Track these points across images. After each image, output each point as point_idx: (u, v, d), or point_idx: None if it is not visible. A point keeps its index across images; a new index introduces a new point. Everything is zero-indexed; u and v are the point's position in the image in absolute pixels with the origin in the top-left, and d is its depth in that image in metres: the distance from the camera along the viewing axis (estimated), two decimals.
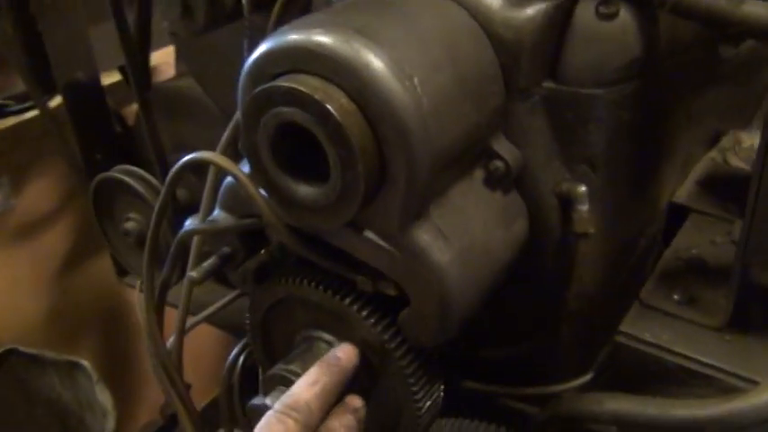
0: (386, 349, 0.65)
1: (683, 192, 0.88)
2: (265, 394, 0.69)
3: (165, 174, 1.12)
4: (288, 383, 0.67)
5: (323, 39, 0.55)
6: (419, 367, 0.67)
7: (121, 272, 1.38)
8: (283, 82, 0.56)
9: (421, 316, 0.63)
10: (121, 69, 1.45)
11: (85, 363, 1.38)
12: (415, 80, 0.55)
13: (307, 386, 0.61)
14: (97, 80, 1.26)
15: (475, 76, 0.61)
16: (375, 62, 0.54)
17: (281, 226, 0.64)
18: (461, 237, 0.62)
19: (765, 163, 0.62)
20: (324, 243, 0.65)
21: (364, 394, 0.70)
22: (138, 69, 1.07)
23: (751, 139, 1.02)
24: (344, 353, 0.65)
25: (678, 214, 0.86)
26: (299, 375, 0.66)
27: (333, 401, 0.62)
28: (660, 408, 0.65)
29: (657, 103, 0.71)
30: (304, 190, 0.60)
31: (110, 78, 1.44)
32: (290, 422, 0.58)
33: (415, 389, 0.66)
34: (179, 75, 1.44)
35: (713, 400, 0.63)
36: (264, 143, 0.59)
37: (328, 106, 0.54)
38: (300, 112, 0.55)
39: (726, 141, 1.00)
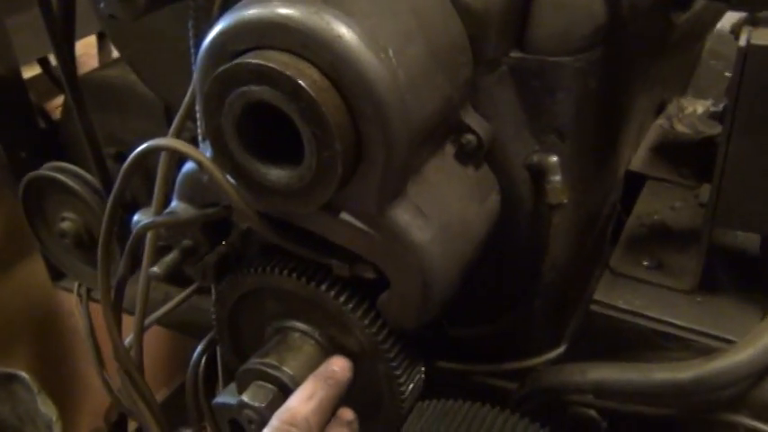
0: (366, 334, 0.63)
1: (638, 160, 0.89)
2: (240, 390, 0.66)
3: (102, 169, 1.07)
4: (265, 377, 0.64)
5: (290, 11, 0.52)
6: (401, 350, 0.65)
7: (56, 276, 1.31)
8: (250, 59, 0.52)
9: (402, 298, 0.61)
10: (41, 62, 1.38)
11: (23, 374, 1.30)
12: (390, 51, 0.53)
13: (304, 400, 0.59)
14: (17, 73, 1.18)
15: (445, 47, 0.59)
16: (348, 34, 0.51)
17: (251, 213, 0.60)
18: (440, 214, 0.60)
19: (732, 129, 0.63)
20: (297, 228, 0.62)
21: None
22: (67, 59, 1.00)
23: (692, 106, 1.05)
24: (339, 365, 0.63)
25: (634, 182, 0.87)
26: (276, 369, 0.64)
27: (330, 416, 0.60)
28: (642, 372, 0.65)
29: (619, 71, 0.71)
30: (275, 173, 0.57)
31: (30, 72, 1.35)
32: None
33: (397, 372, 0.65)
34: (104, 65, 1.37)
35: (693, 362, 0.64)
36: (230, 125, 0.56)
37: (301, 82, 0.51)
38: (270, 90, 0.52)
39: (671, 108, 1.02)
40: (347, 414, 0.63)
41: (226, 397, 0.77)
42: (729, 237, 0.77)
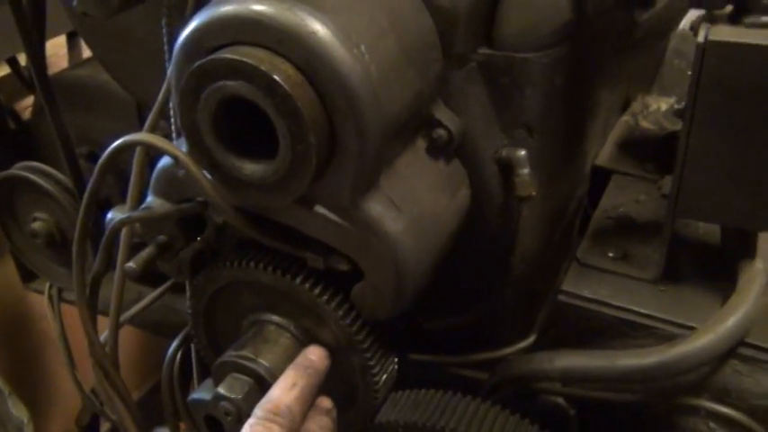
0: (340, 326, 0.64)
1: (604, 155, 0.92)
2: (216, 382, 0.66)
3: (74, 169, 1.06)
4: (241, 370, 0.65)
5: (264, 8, 0.53)
6: (374, 342, 0.66)
7: (27, 277, 1.30)
8: (226, 54, 0.53)
9: (375, 289, 0.62)
10: (10, 62, 1.36)
11: None
12: (362, 47, 0.54)
13: (286, 390, 0.60)
14: None
15: (416, 43, 0.60)
16: (321, 30, 0.53)
17: (227, 207, 0.61)
18: (412, 206, 0.62)
19: (692, 122, 0.65)
20: (272, 222, 0.63)
21: None
22: (38, 58, 1.00)
23: (656, 103, 1.08)
24: (316, 354, 0.64)
25: (600, 176, 0.90)
26: (252, 361, 0.65)
27: (311, 404, 0.61)
28: (608, 359, 0.67)
29: (585, 67, 0.73)
30: (250, 167, 0.58)
31: None
32: (276, 428, 0.57)
33: (371, 363, 0.66)
34: (75, 65, 1.36)
35: (657, 348, 0.66)
36: (206, 120, 0.57)
37: (276, 77, 0.52)
38: (246, 85, 0.53)
39: (635, 106, 1.05)
40: (326, 402, 0.64)
41: (201, 393, 0.78)
42: (692, 229, 0.80)
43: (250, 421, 0.57)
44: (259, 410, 0.58)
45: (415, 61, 0.60)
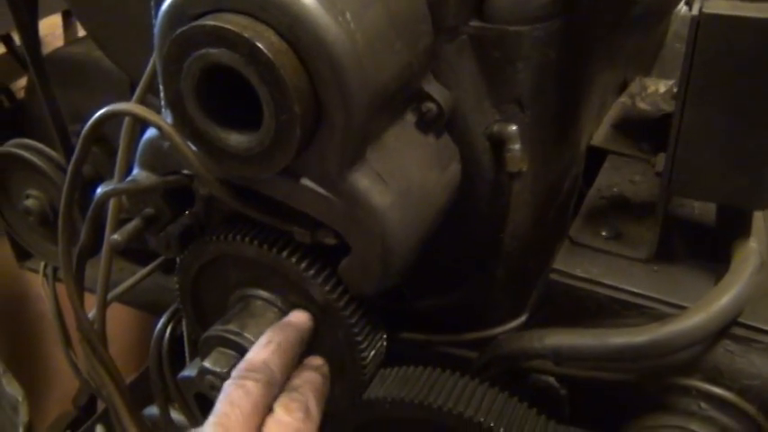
0: (328, 300, 0.64)
1: (600, 135, 0.91)
2: (202, 357, 0.66)
3: (67, 147, 1.06)
4: (227, 344, 0.64)
5: None
6: (362, 317, 0.65)
7: (22, 257, 1.30)
8: (208, 21, 0.52)
9: (363, 263, 0.62)
10: (4, 40, 1.36)
11: None
12: (348, 15, 0.53)
13: (260, 347, 0.59)
14: None
15: (405, 14, 0.59)
16: None
17: (211, 179, 0.61)
18: (399, 180, 0.61)
19: (685, 97, 0.64)
20: (258, 195, 0.62)
21: (306, 350, 0.68)
22: (30, 34, 0.99)
23: (655, 85, 1.06)
24: (296, 316, 0.63)
25: (596, 156, 0.89)
26: (238, 335, 0.64)
27: (292, 360, 0.60)
28: (598, 338, 0.67)
29: (579, 43, 0.71)
30: (235, 138, 0.57)
31: None
32: (250, 384, 0.55)
33: (359, 338, 0.65)
34: (69, 42, 1.35)
35: (648, 326, 0.65)
36: (189, 89, 0.56)
37: (259, 44, 0.51)
38: (228, 53, 0.52)
39: (633, 87, 1.03)
40: (314, 360, 0.63)
41: (191, 370, 0.78)
42: (687, 209, 0.79)
43: (226, 383, 0.57)
44: (235, 371, 0.57)
45: (404, 32, 0.59)
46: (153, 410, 0.93)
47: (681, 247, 0.74)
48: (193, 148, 0.60)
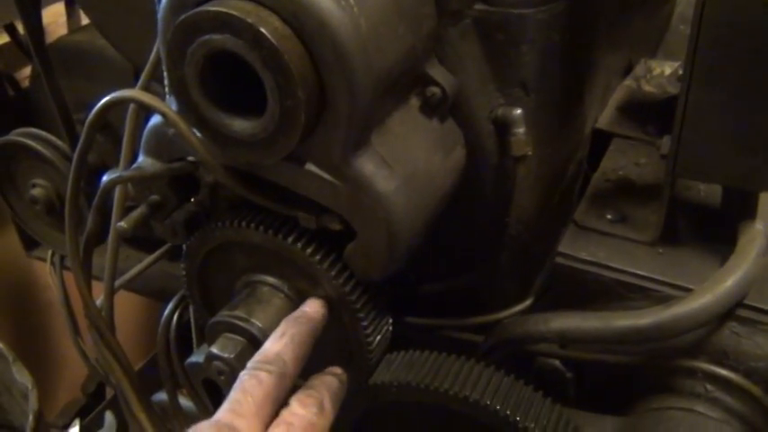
0: (333, 285, 0.64)
1: (605, 118, 0.90)
2: (209, 343, 0.66)
3: (72, 136, 1.06)
4: (234, 329, 0.65)
5: None
6: (367, 302, 0.66)
7: (29, 245, 1.30)
8: (212, 6, 0.52)
9: (368, 248, 0.62)
10: (9, 29, 1.36)
11: None
12: (351, 0, 0.53)
13: (275, 339, 0.59)
14: None
15: None
16: None
17: (216, 165, 0.61)
18: (404, 164, 0.61)
19: (691, 77, 0.64)
20: (263, 181, 0.62)
21: None
22: (34, 25, 0.99)
23: (660, 67, 1.06)
24: (311, 306, 0.64)
25: (601, 140, 0.88)
26: (245, 321, 0.64)
27: (305, 353, 0.60)
28: (603, 320, 0.67)
29: (583, 26, 0.71)
30: (239, 124, 0.57)
31: None
32: (263, 374, 0.56)
33: (364, 323, 0.65)
34: (73, 31, 1.35)
35: (652, 309, 0.65)
36: (193, 76, 0.56)
37: (263, 30, 0.51)
38: (232, 39, 0.52)
39: (638, 69, 1.03)
40: (336, 369, 0.63)
41: (198, 356, 0.78)
42: (693, 191, 0.79)
43: (241, 373, 0.57)
44: (249, 363, 0.58)
45: (407, 16, 0.59)
46: (161, 396, 0.94)
47: (686, 230, 0.74)
48: (198, 134, 0.60)
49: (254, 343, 0.64)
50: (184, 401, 0.89)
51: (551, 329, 0.69)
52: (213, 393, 0.89)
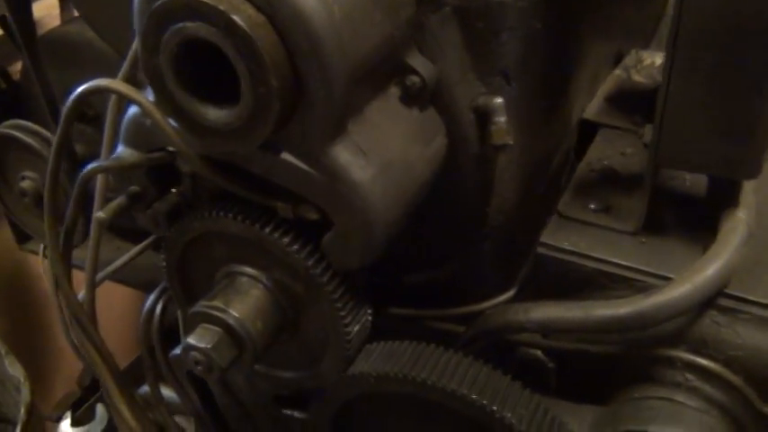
0: (311, 275, 0.64)
1: (593, 108, 0.90)
2: (187, 333, 0.66)
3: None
4: (211, 320, 0.65)
5: None
6: (345, 292, 0.65)
7: (21, 238, 1.30)
8: None
9: (345, 237, 0.62)
10: (1, 22, 1.35)
11: None
12: None
13: None
14: None
15: None
16: None
17: (192, 155, 0.61)
18: (381, 153, 0.61)
19: (672, 66, 0.63)
20: (240, 171, 0.62)
21: (291, 325, 0.68)
22: (22, 18, 0.99)
23: (651, 58, 1.05)
24: None
25: (590, 130, 0.88)
26: (222, 311, 0.64)
27: None
28: (583, 309, 0.67)
29: (567, 13, 0.71)
30: (214, 113, 0.57)
31: None
32: None
33: (342, 313, 0.65)
34: (64, 22, 1.35)
35: (633, 298, 0.65)
36: (167, 64, 0.56)
37: (235, 17, 0.51)
38: (205, 26, 0.52)
39: (629, 60, 1.02)
40: None
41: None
42: (678, 181, 0.78)
43: None
44: None
45: (384, 2, 0.58)
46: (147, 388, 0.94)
47: (670, 219, 0.74)
48: (174, 124, 0.60)
49: (231, 333, 0.64)
50: (169, 393, 0.89)
51: (531, 319, 0.68)
52: (198, 385, 0.89)
